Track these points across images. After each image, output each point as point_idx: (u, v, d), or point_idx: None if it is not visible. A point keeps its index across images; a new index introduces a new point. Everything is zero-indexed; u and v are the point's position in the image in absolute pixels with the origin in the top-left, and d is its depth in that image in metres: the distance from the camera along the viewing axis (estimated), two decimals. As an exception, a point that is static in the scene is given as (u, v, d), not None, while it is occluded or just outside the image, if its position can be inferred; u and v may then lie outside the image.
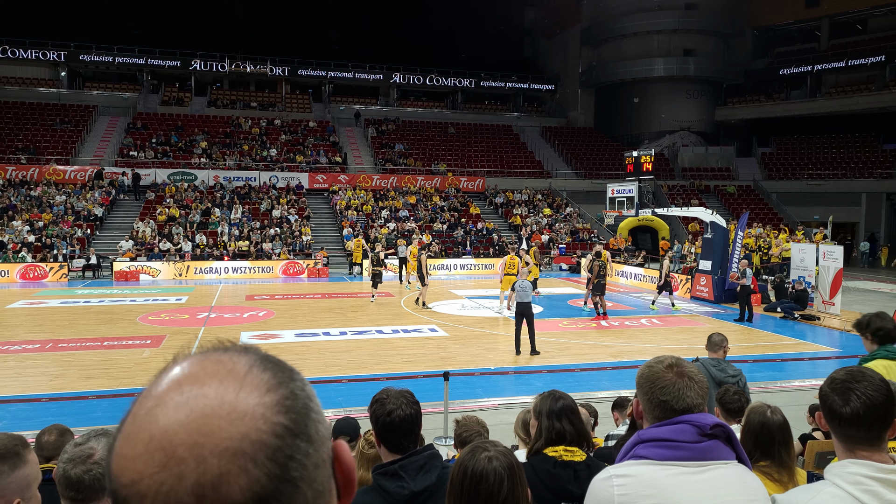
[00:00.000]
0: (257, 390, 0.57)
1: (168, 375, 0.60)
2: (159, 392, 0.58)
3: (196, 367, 0.59)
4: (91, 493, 1.96)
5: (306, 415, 0.59)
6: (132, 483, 0.54)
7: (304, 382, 0.63)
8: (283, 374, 0.61)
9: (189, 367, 0.60)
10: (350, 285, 22.37)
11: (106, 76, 40.66)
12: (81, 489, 1.95)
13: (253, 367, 0.59)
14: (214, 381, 0.57)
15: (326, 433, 0.62)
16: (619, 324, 15.13)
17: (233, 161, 32.76)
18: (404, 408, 2.28)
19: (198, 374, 0.58)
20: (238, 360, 0.60)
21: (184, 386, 0.57)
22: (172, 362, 0.62)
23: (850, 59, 37.83)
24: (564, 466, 2.44)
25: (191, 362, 0.61)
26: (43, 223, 25.34)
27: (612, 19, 42.15)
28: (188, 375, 0.59)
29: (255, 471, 0.53)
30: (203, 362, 0.60)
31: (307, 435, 0.58)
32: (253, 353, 0.62)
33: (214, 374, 0.58)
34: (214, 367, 0.59)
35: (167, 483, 0.52)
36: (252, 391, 0.57)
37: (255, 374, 0.59)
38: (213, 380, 0.58)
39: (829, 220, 25.62)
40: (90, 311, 16.40)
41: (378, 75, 42.31)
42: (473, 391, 9.52)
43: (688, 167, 38.58)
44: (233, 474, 0.53)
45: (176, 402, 0.56)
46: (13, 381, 9.80)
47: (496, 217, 32.33)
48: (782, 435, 2.68)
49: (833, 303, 16.42)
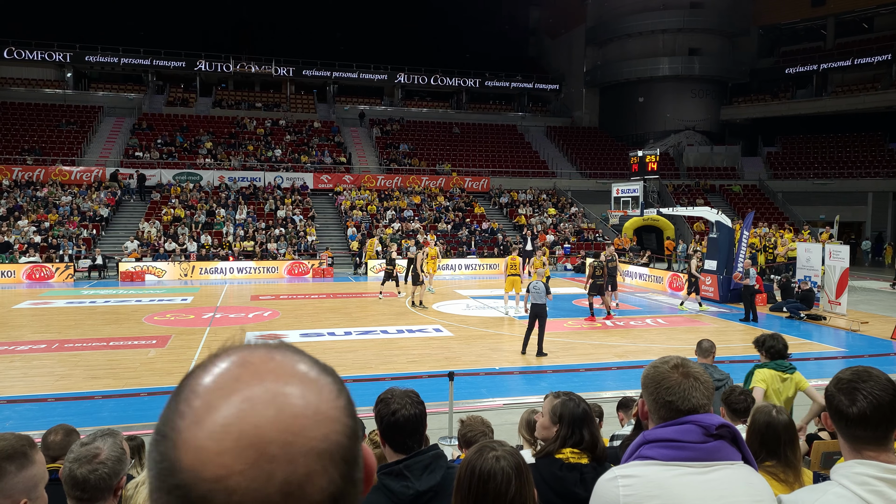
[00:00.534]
0: (331, 393, 0.60)
1: (234, 367, 0.60)
2: (237, 385, 0.58)
3: (269, 364, 0.60)
4: (97, 492, 1.97)
5: (356, 417, 0.62)
6: (218, 478, 0.53)
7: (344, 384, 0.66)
8: (337, 376, 0.64)
9: (260, 362, 0.60)
10: (355, 285, 22.39)
11: (111, 77, 40.82)
12: (87, 489, 1.96)
13: (319, 371, 0.61)
14: (294, 381, 0.58)
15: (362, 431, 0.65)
16: (623, 324, 15.10)
17: (238, 161, 32.84)
18: (409, 408, 2.28)
19: (274, 371, 0.59)
20: (299, 360, 0.62)
21: (265, 382, 0.58)
22: (228, 353, 0.62)
23: (856, 58, 37.66)
24: (571, 469, 2.44)
25: (258, 357, 0.61)
26: (49, 224, 25.46)
27: (616, 19, 42.06)
28: (260, 372, 0.59)
29: (333, 472, 0.55)
30: (270, 360, 0.60)
31: (358, 437, 0.61)
32: (303, 354, 0.63)
33: (291, 374, 0.59)
34: (287, 366, 0.60)
35: (258, 481, 0.53)
36: (328, 394, 0.59)
37: (324, 377, 0.61)
38: (292, 379, 0.58)
39: (836, 219, 25.49)
40: (96, 311, 16.46)
41: (382, 75, 42.35)
42: (478, 391, 9.51)
43: (693, 167, 38.47)
44: (317, 474, 0.54)
45: (263, 398, 0.56)
46: (19, 381, 9.85)
47: (501, 217, 32.31)
48: (788, 435, 2.67)
49: (839, 302, 16.35)
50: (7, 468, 1.77)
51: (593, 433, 2.53)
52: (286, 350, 0.63)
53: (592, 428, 2.53)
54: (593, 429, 2.54)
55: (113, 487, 2.00)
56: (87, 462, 2.00)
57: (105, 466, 2.00)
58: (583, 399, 2.63)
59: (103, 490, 1.98)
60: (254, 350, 0.62)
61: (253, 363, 0.60)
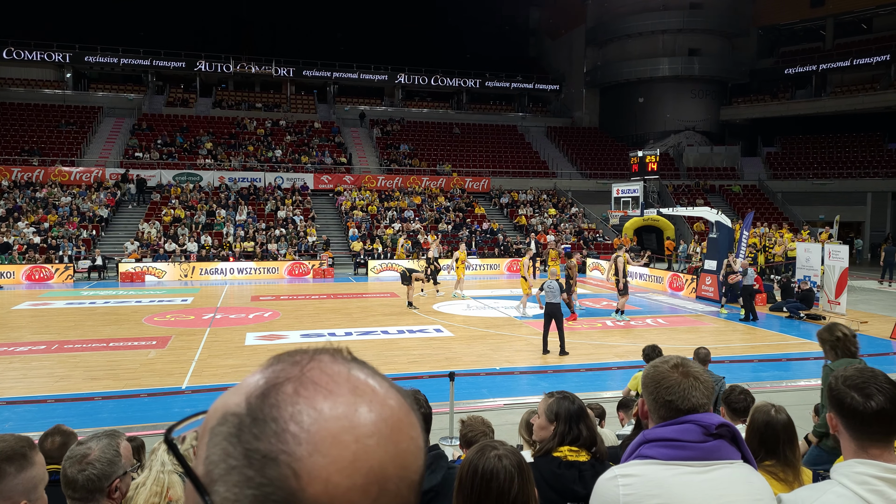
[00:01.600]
0: (418, 423, 0.61)
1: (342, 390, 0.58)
2: (358, 416, 0.56)
3: (377, 394, 0.59)
4: (86, 493, 1.97)
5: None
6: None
7: None
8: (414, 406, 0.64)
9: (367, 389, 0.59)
10: (355, 286, 22.39)
11: (111, 77, 40.83)
12: (77, 488, 1.97)
13: (403, 399, 0.62)
14: (400, 414, 0.59)
15: None
16: (624, 323, 15.11)
17: (238, 162, 32.85)
18: (420, 407, 2.29)
19: (384, 402, 0.59)
20: (390, 386, 0.62)
21: (382, 414, 0.57)
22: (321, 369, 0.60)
23: (856, 59, 37.68)
24: (569, 467, 2.45)
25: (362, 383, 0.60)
26: (48, 224, 25.45)
27: (616, 19, 42.09)
28: (377, 401, 0.58)
29: (414, 499, 0.58)
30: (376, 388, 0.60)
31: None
32: (386, 381, 0.63)
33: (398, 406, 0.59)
34: (388, 394, 0.60)
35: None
36: (419, 426, 0.61)
37: (409, 407, 0.61)
38: (398, 412, 0.59)
39: (836, 219, 25.50)
40: (96, 312, 16.46)
41: (383, 76, 42.36)
42: (479, 391, 9.52)
43: (693, 167, 38.49)
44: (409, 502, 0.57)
45: (383, 433, 0.56)
46: (19, 383, 9.85)
47: (501, 217, 32.32)
48: (787, 434, 2.68)
49: (839, 302, 16.37)
50: (6, 470, 1.77)
51: (591, 429, 2.53)
52: (374, 373, 0.63)
53: (589, 423, 2.54)
54: (590, 424, 2.55)
55: (103, 489, 1.99)
56: (78, 462, 2.00)
57: (94, 467, 2.00)
58: (577, 397, 2.64)
59: (93, 491, 1.98)
60: (350, 368, 0.61)
61: (362, 389, 0.59)
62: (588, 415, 2.59)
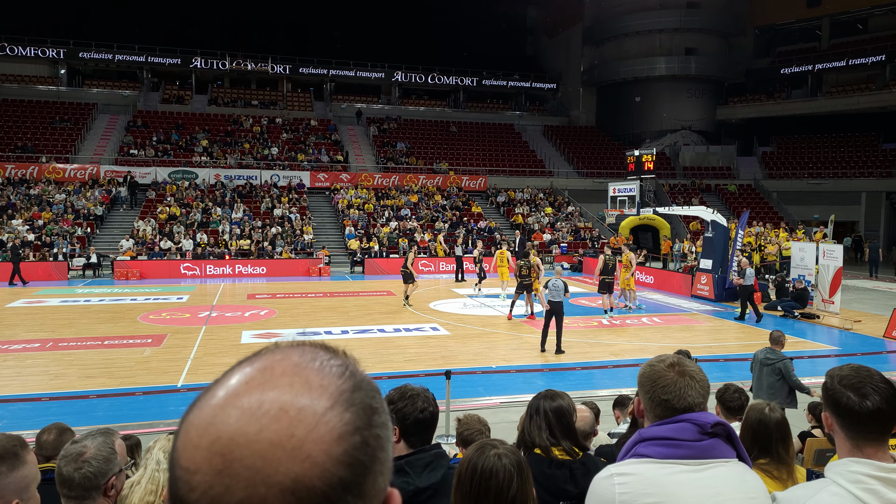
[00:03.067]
0: (330, 434, 0.55)
1: (257, 368, 0.59)
2: (240, 386, 0.57)
3: (284, 378, 0.57)
4: (82, 491, 1.97)
5: (370, 468, 0.57)
6: (188, 471, 0.54)
7: (384, 426, 0.60)
8: (364, 418, 0.58)
9: (278, 372, 0.58)
10: (352, 284, 22.38)
11: (106, 74, 40.65)
12: (73, 487, 1.97)
13: (337, 404, 0.57)
14: (293, 405, 0.55)
15: (384, 483, 0.59)
16: (619, 322, 15.14)
17: (234, 159, 32.76)
18: (431, 407, 2.37)
19: (282, 386, 0.57)
20: (328, 385, 0.58)
21: (264, 394, 0.56)
22: (267, 353, 0.60)
23: (851, 59, 37.81)
24: (560, 466, 2.46)
25: (283, 367, 0.59)
26: (43, 222, 25.35)
27: (614, 18, 42.12)
28: (273, 383, 0.57)
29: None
30: (294, 374, 0.58)
31: (361, 490, 0.56)
32: (349, 376, 0.60)
33: (298, 394, 0.56)
34: (302, 386, 0.57)
35: (216, 489, 0.53)
36: (324, 434, 0.55)
37: (336, 412, 0.56)
38: (293, 401, 0.56)
39: (831, 218, 25.61)
40: (90, 309, 16.41)
41: (380, 74, 42.30)
42: (475, 390, 9.53)
43: (689, 166, 38.57)
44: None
45: (252, 410, 0.55)
46: (13, 381, 9.82)
47: (498, 216, 32.33)
48: (780, 432, 2.69)
49: (833, 301, 16.43)
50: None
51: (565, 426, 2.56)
52: (329, 367, 0.60)
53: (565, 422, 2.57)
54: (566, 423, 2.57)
55: (100, 487, 1.99)
56: (73, 460, 2.00)
57: (89, 465, 2.00)
58: (560, 395, 2.66)
59: (88, 489, 1.98)
60: (296, 352, 0.61)
61: (276, 371, 0.58)
62: (565, 413, 2.60)
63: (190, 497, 0.53)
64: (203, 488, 0.53)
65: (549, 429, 2.52)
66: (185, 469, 0.54)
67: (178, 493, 0.54)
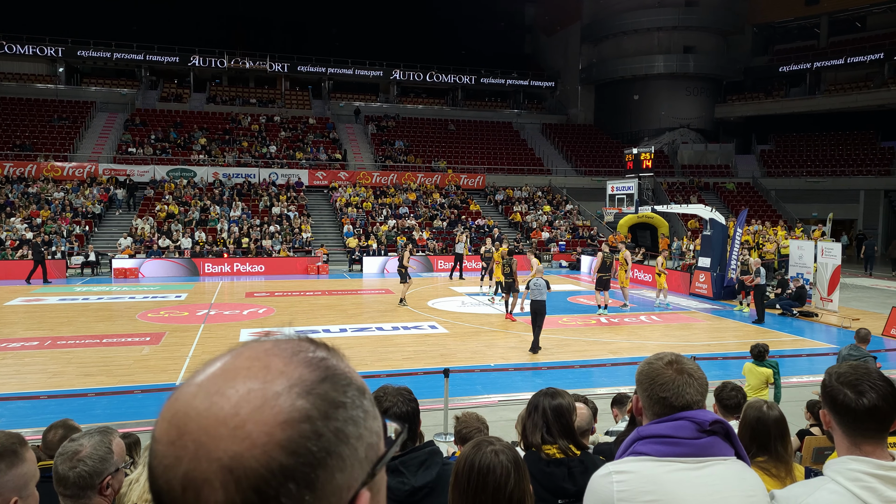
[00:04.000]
0: (275, 418, 0.55)
1: (228, 356, 0.62)
2: (210, 371, 0.60)
3: (246, 362, 0.60)
4: (77, 489, 1.97)
5: (321, 461, 0.56)
6: (155, 440, 0.58)
7: (350, 421, 0.59)
8: (322, 408, 0.58)
9: (244, 358, 0.61)
10: (350, 282, 22.37)
11: (104, 72, 40.57)
12: (68, 485, 1.97)
13: (293, 389, 0.57)
14: (244, 387, 0.57)
15: (345, 482, 0.57)
16: (618, 320, 15.15)
17: (232, 158, 32.72)
18: (400, 405, 2.28)
19: (241, 369, 0.59)
20: (288, 372, 0.59)
21: (223, 377, 0.59)
22: (244, 344, 0.63)
23: (849, 57, 37.81)
24: (558, 464, 2.46)
25: (249, 354, 0.61)
26: (41, 220, 25.31)
27: (612, 16, 42.10)
28: (234, 367, 0.60)
29: (234, 494, 0.53)
30: (257, 359, 0.60)
31: (307, 481, 0.55)
32: (320, 368, 0.60)
33: (253, 377, 0.58)
34: (260, 370, 0.59)
35: (168, 459, 0.56)
36: (269, 417, 0.55)
37: (289, 398, 0.57)
38: (246, 384, 0.57)
39: (830, 217, 25.63)
40: (89, 308, 16.39)
41: (378, 72, 42.25)
42: (473, 388, 9.53)
43: (687, 164, 38.58)
44: (213, 486, 0.53)
45: (207, 389, 0.58)
46: (12, 379, 9.81)
47: (496, 214, 32.33)
48: (778, 430, 2.69)
49: (831, 299, 16.45)
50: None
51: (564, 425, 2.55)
52: (299, 356, 0.61)
53: (563, 421, 2.56)
54: (565, 421, 2.56)
55: (94, 486, 1.99)
56: (69, 459, 2.01)
57: (84, 464, 2.00)
58: (560, 393, 2.66)
59: (83, 488, 1.98)
60: (263, 347, 0.62)
61: (243, 356, 0.60)
62: (564, 412, 2.60)
63: (153, 463, 0.57)
64: (160, 457, 0.56)
65: (547, 427, 2.52)
66: (154, 439, 0.58)
67: (152, 462, 0.58)
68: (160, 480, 0.56)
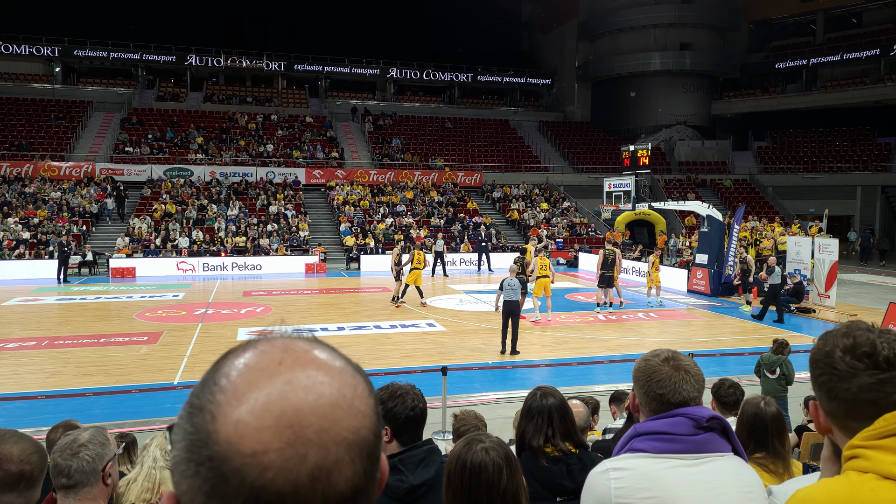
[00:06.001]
0: (364, 391, 0.62)
1: (277, 351, 0.62)
2: (280, 368, 0.60)
3: (310, 354, 0.62)
4: (83, 476, 1.99)
5: (381, 421, 0.64)
6: (255, 453, 0.55)
7: (374, 389, 0.67)
8: (370, 381, 0.66)
9: (302, 351, 0.62)
10: (348, 281, 22.37)
11: (100, 71, 40.46)
12: (71, 474, 1.98)
13: (354, 370, 0.64)
14: (334, 374, 0.61)
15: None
16: (616, 318, 15.17)
17: (229, 156, 32.67)
18: (421, 401, 2.37)
19: (315, 361, 0.61)
20: (336, 357, 0.64)
21: (308, 370, 0.60)
22: (270, 338, 0.64)
23: (846, 53, 37.84)
24: (556, 462, 2.46)
25: (301, 347, 0.63)
26: (38, 220, 25.25)
27: (608, 13, 42.09)
28: (307, 360, 0.61)
29: (359, 465, 0.58)
30: (312, 350, 0.63)
31: (380, 438, 0.63)
32: (339, 353, 0.66)
33: (331, 367, 0.62)
34: (327, 359, 0.63)
35: (291, 461, 0.55)
36: (362, 391, 0.62)
37: (359, 376, 0.64)
38: (331, 371, 0.61)
39: (825, 213, 25.68)
40: (86, 307, 16.37)
41: (375, 70, 42.20)
42: (472, 385, 9.54)
43: (684, 161, 38.61)
44: (345, 464, 0.57)
45: (304, 384, 0.58)
46: (9, 379, 9.80)
47: (494, 212, 32.33)
48: (776, 426, 2.70)
49: (828, 295, 16.49)
50: None
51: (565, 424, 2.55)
52: (324, 345, 0.66)
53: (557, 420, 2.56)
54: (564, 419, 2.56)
55: (98, 472, 2.01)
56: (69, 449, 2.02)
57: (87, 450, 2.02)
58: (553, 393, 2.66)
59: (88, 474, 1.99)
60: (296, 340, 0.64)
61: (296, 351, 0.62)
62: (568, 410, 2.60)
63: (265, 477, 0.54)
64: (278, 464, 0.54)
65: (552, 429, 2.52)
66: (252, 454, 0.55)
67: (248, 481, 0.54)
68: (282, 485, 0.54)
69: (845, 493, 1.04)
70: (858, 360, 1.12)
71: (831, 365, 1.15)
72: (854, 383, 1.11)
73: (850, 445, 1.09)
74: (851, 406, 1.12)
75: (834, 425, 1.17)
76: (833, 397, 1.14)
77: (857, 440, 1.08)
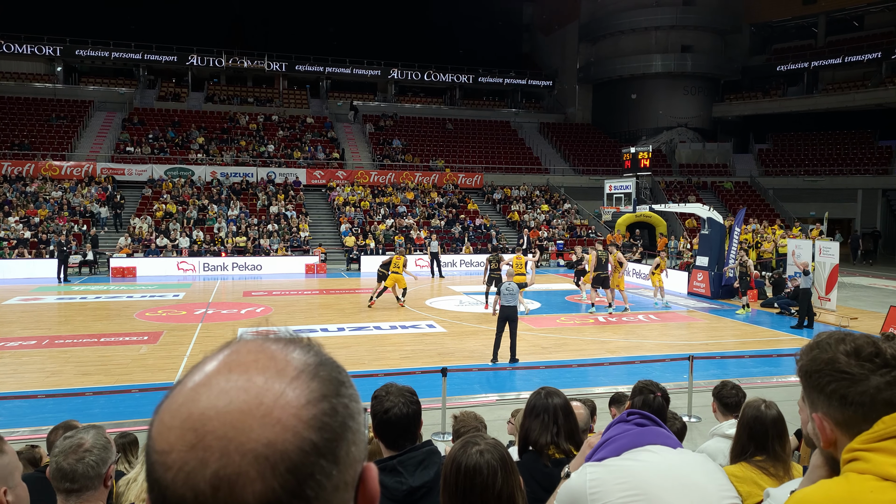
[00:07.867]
0: (297, 400, 0.57)
1: (224, 355, 0.61)
2: (209, 371, 0.59)
3: (249, 356, 0.60)
4: (86, 480, 1.98)
5: (341, 435, 0.58)
6: (163, 452, 0.56)
7: (352, 398, 0.62)
8: (331, 387, 0.60)
9: (244, 353, 0.61)
10: (348, 281, 22.36)
11: (102, 71, 40.49)
12: (76, 478, 1.97)
13: (303, 374, 0.59)
14: (260, 378, 0.57)
15: (359, 455, 0.61)
16: (616, 319, 15.16)
17: (230, 157, 32.68)
18: (401, 406, 2.27)
19: (248, 364, 0.59)
20: (292, 360, 0.60)
21: (232, 373, 0.58)
22: (233, 343, 0.63)
23: (847, 56, 37.84)
24: (558, 464, 2.46)
25: (248, 349, 0.61)
26: (39, 219, 25.26)
27: (609, 15, 42.11)
28: (239, 363, 0.59)
29: (272, 480, 0.54)
30: (259, 353, 0.61)
31: (334, 456, 0.57)
32: (312, 354, 0.62)
33: (264, 369, 0.59)
34: (266, 361, 0.59)
35: (190, 464, 0.54)
36: (292, 399, 0.57)
37: (303, 381, 0.59)
38: (260, 375, 0.58)
39: (825, 216, 25.69)
40: (87, 307, 16.37)
41: (376, 71, 42.22)
42: (471, 387, 9.54)
43: (685, 163, 38.61)
44: (249, 477, 0.53)
45: (220, 387, 0.57)
46: (10, 378, 9.80)
47: (494, 213, 32.33)
48: (776, 429, 2.69)
49: (829, 298, 16.48)
50: None
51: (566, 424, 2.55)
52: (292, 348, 0.62)
53: (560, 421, 2.56)
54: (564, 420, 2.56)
55: (102, 476, 2.00)
56: (73, 452, 2.01)
57: (91, 454, 2.01)
58: (555, 393, 2.66)
59: (92, 478, 1.98)
60: (256, 342, 0.63)
61: (242, 352, 0.61)
62: (572, 410, 2.60)
63: (167, 477, 0.54)
64: (178, 465, 0.54)
65: (557, 427, 2.51)
66: (161, 451, 0.56)
67: (155, 476, 0.55)
68: (182, 489, 0.54)
69: (844, 494, 1.04)
70: (868, 361, 1.10)
71: (840, 370, 1.11)
72: (870, 385, 1.09)
73: (849, 449, 1.09)
74: (869, 409, 1.08)
75: (845, 434, 1.12)
76: (849, 403, 1.10)
77: (856, 443, 1.08)
